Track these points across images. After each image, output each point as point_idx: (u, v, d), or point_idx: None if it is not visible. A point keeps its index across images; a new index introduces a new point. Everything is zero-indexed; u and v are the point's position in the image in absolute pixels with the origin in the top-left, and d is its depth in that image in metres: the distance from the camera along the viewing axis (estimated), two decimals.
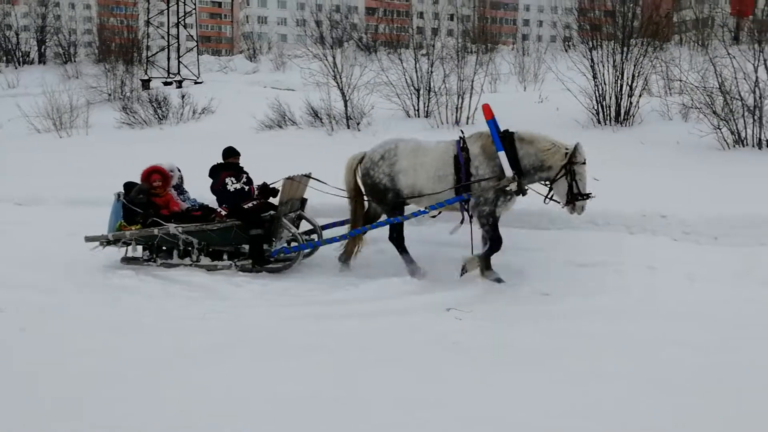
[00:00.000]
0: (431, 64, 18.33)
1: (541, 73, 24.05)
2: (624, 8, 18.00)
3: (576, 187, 6.84)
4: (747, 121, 13.13)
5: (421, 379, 4.59)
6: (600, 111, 16.43)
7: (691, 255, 7.58)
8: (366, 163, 7.65)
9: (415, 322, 5.88)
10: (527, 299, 6.72)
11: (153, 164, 8.44)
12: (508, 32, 56.60)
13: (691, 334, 5.45)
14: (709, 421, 3.94)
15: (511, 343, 5.29)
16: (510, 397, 4.26)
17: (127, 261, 8.29)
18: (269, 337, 5.51)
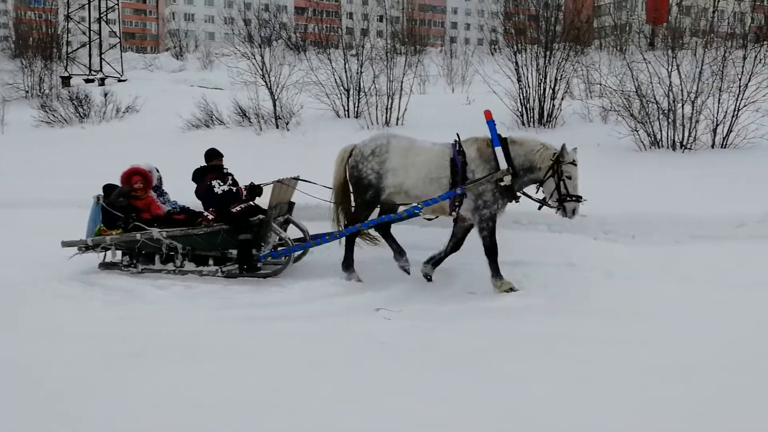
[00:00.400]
0: (361, 65, 18.37)
1: (469, 75, 24.47)
2: (547, 13, 18.51)
3: (564, 187, 6.86)
4: (662, 123, 13.72)
5: (349, 381, 4.59)
6: (524, 113, 16.85)
7: (610, 253, 7.89)
8: (356, 156, 7.45)
9: (343, 323, 5.87)
10: (455, 298, 6.82)
11: (133, 165, 8.11)
12: (436, 34, 57.21)
13: (610, 331, 5.64)
14: (629, 416, 4.08)
15: (439, 343, 5.34)
16: (436, 398, 4.30)
17: (105, 267, 7.93)
18: (194, 342, 5.38)
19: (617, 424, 3.97)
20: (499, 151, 6.97)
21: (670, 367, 4.77)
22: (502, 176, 6.92)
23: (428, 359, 5.00)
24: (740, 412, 4.09)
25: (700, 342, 5.35)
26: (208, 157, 8.01)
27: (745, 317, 5.97)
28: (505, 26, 21.90)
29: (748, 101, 13.22)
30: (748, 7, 22.10)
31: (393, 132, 7.61)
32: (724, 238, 7.95)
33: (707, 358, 4.95)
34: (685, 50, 15.27)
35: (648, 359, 4.95)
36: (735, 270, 7.08)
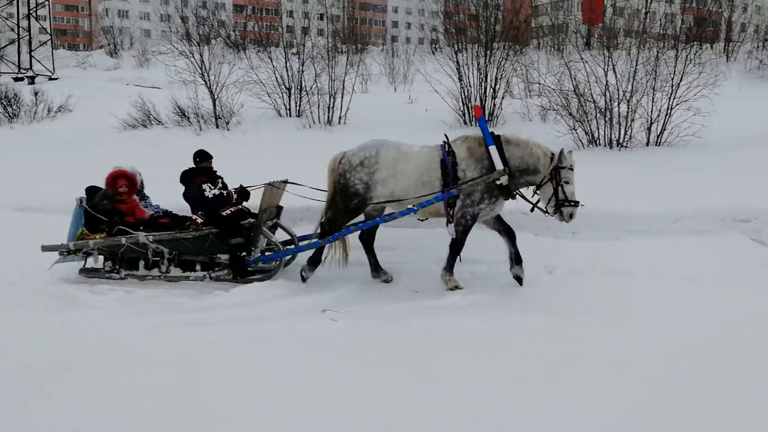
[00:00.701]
0: (302, 63, 18.24)
1: (410, 74, 24.59)
2: (486, 13, 18.72)
3: (562, 192, 6.84)
4: (599, 122, 14.05)
5: (298, 384, 4.53)
6: (466, 112, 17.02)
7: (551, 249, 8.01)
8: (344, 165, 7.30)
9: (289, 326, 5.78)
10: (401, 297, 6.81)
11: (118, 167, 7.82)
12: (377, 33, 57.32)
13: (555, 326, 5.74)
14: (577, 409, 4.16)
15: (387, 343, 5.33)
16: (388, 399, 4.28)
17: (86, 273, 7.61)
18: (134, 348, 5.21)
19: (565, 419, 4.02)
20: (494, 150, 6.86)
21: (615, 361, 4.87)
22: (498, 176, 6.83)
23: (378, 359, 4.97)
24: (687, 406, 4.20)
25: (640, 335, 5.49)
26: (197, 158, 7.76)
27: (689, 311, 6.18)
28: (445, 25, 22.08)
29: (681, 100, 13.65)
30: (678, 8, 22.81)
31: (381, 140, 7.37)
32: (660, 233, 8.18)
33: (647, 352, 5.09)
34: (620, 50, 15.67)
35: (591, 353, 5.04)
36: (672, 264, 7.29)
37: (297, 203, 8.18)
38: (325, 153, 7.62)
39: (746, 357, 4.98)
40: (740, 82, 19.36)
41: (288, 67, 18.27)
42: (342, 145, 13.82)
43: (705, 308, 6.29)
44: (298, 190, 7.75)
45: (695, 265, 7.16)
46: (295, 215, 8.98)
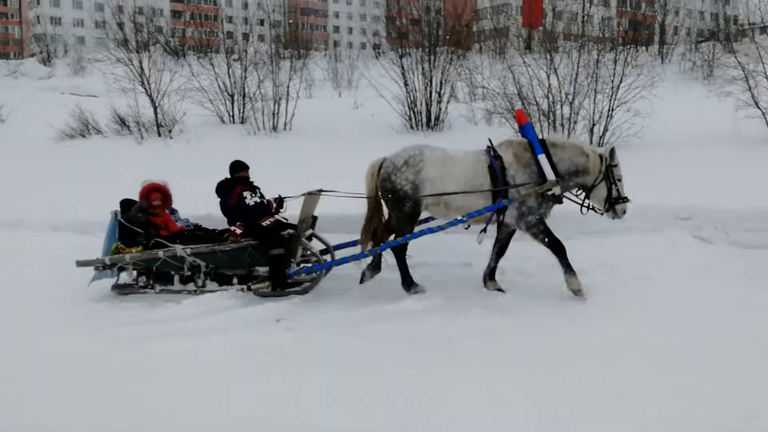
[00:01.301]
0: (245, 70, 18.02)
1: (355, 79, 24.55)
2: (429, 17, 18.86)
3: (616, 190, 6.81)
4: (543, 124, 14.28)
5: (253, 394, 4.44)
6: (412, 117, 17.08)
7: (508, 250, 8.04)
8: (387, 168, 7.04)
9: (244, 336, 5.65)
10: (355, 304, 6.73)
11: (152, 181, 7.58)
12: (319, 38, 57.20)
13: (511, 328, 5.78)
14: (536, 410, 4.17)
15: (345, 350, 5.25)
16: (342, 406, 4.24)
17: (119, 289, 7.24)
18: (85, 364, 5.03)
19: (528, 418, 4.03)
20: (544, 159, 6.73)
21: (575, 358, 4.93)
22: (551, 187, 6.70)
23: (336, 367, 4.91)
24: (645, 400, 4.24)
25: (595, 331, 5.62)
26: (233, 169, 7.46)
27: (641, 306, 6.33)
28: (388, 30, 22.15)
29: (621, 102, 14.00)
30: (614, 12, 23.45)
31: (422, 144, 7.20)
32: (608, 233, 8.30)
33: (612, 348, 5.19)
34: (561, 54, 15.99)
35: (550, 351, 5.09)
36: (621, 263, 7.42)
37: (333, 212, 8.02)
38: (272, 159, 7.53)
39: (689, 348, 5.14)
40: (675, 84, 20.04)
41: (230, 73, 18.03)
42: (289, 151, 13.78)
43: (654, 303, 6.43)
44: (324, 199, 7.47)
45: (643, 263, 7.30)
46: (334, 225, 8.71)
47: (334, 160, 12.55)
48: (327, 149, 14.38)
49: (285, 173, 11.15)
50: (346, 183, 7.21)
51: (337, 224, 8.31)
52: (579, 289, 6.65)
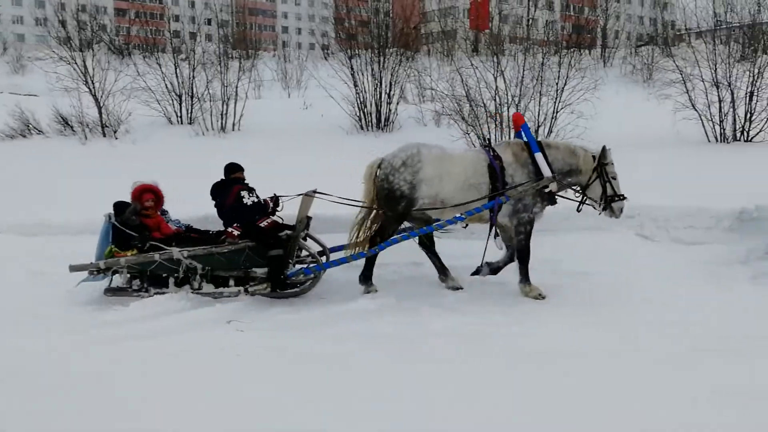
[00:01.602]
0: (192, 69, 17.79)
1: (304, 79, 24.48)
2: (378, 19, 18.97)
3: (611, 188, 6.95)
4: (490, 126, 14.53)
5: (206, 397, 4.41)
6: (362, 117, 17.15)
7: (450, 249, 8.16)
8: (385, 168, 7.01)
9: (195, 338, 5.59)
10: (306, 305, 6.74)
11: (143, 182, 7.32)
12: (268, 39, 56.74)
13: (463, 326, 5.90)
14: (483, 405, 4.27)
15: (297, 351, 5.26)
16: (294, 407, 4.25)
17: (112, 293, 7.03)
18: (32, 369, 4.90)
19: (483, 417, 4.11)
20: (540, 157, 6.86)
21: (530, 356, 5.07)
22: (548, 183, 6.84)
23: (288, 368, 4.92)
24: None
25: (543, 328, 5.78)
26: (228, 170, 7.34)
27: (586, 302, 6.56)
28: (337, 31, 22.16)
29: (565, 103, 14.34)
30: (558, 16, 23.96)
31: (420, 142, 7.15)
32: (556, 231, 8.50)
33: (563, 345, 5.34)
34: (507, 56, 16.30)
35: (502, 348, 5.22)
36: (568, 260, 7.63)
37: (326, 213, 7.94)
38: (221, 160, 7.45)
39: (640, 344, 5.33)
40: (617, 86, 20.62)
41: (178, 73, 17.78)
42: (237, 152, 13.64)
43: (600, 301, 6.67)
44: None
45: (589, 260, 7.52)
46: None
47: (284, 160, 12.52)
48: (276, 150, 14.32)
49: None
50: (299, 183, 7.23)
51: (325, 225, 8.30)
52: (539, 295, 6.82)
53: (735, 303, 6.59)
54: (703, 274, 7.62)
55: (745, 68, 15.14)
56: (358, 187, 7.26)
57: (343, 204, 7.13)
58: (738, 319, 6.05)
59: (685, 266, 7.86)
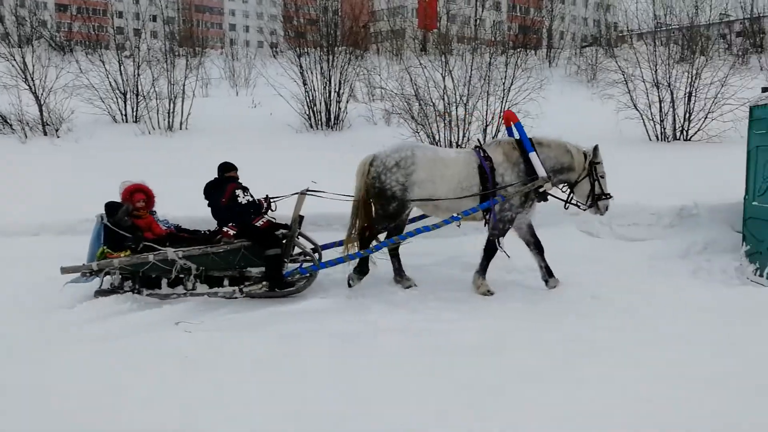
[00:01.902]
0: (137, 67, 17.42)
1: (253, 78, 24.25)
2: (326, 18, 18.93)
3: (599, 187, 7.03)
4: (439, 125, 14.66)
5: (154, 400, 4.35)
6: (312, 116, 17.09)
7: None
8: (377, 167, 7.00)
9: (142, 341, 5.51)
10: (253, 305, 6.69)
11: (134, 182, 7.22)
12: (215, 36, 55.98)
13: (409, 323, 5.96)
14: (431, 399, 4.33)
15: (244, 351, 5.24)
16: (243, 407, 4.24)
17: (104, 294, 6.85)
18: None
19: (430, 411, 4.16)
20: (535, 157, 6.90)
21: (469, 348, 5.17)
22: (543, 183, 6.91)
23: (237, 368, 4.88)
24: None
25: (489, 323, 5.90)
26: (223, 169, 7.23)
27: (530, 298, 6.68)
28: (285, 29, 22.01)
29: (512, 103, 14.55)
30: (505, 17, 24.30)
31: (414, 142, 7.10)
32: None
33: (508, 340, 5.45)
34: (455, 56, 16.46)
35: (449, 344, 5.29)
36: (514, 257, 7.74)
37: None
38: (168, 159, 7.36)
39: (576, 337, 5.50)
40: (562, 86, 21.02)
41: (122, 70, 17.39)
42: (185, 151, 13.44)
43: (545, 295, 6.87)
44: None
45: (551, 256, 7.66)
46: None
47: (233, 159, 12.36)
48: (225, 149, 14.09)
49: (182, 173, 10.92)
50: (251, 182, 7.19)
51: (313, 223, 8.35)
52: (488, 291, 6.94)
53: (677, 297, 6.83)
54: (647, 269, 7.88)
55: (684, 69, 15.62)
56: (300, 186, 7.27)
57: (336, 200, 7.14)
58: (681, 312, 6.27)
59: (628, 262, 8.11)
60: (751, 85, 13.97)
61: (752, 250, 7.85)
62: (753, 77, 15.90)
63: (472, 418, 4.05)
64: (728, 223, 8.59)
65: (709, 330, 5.69)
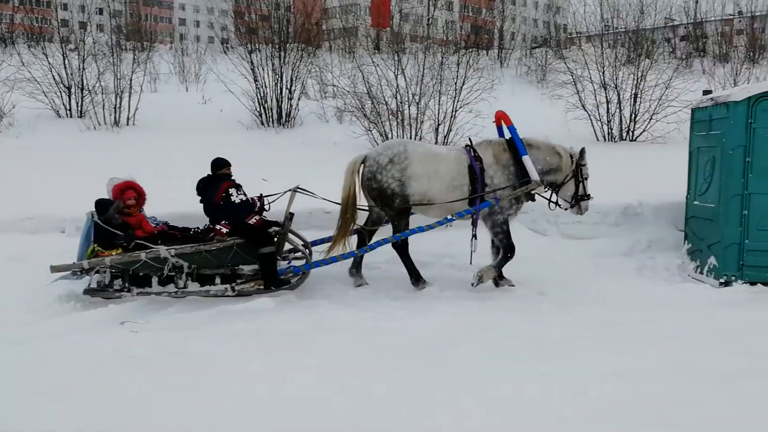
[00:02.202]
0: (83, 61, 16.99)
1: (203, 73, 23.90)
2: (278, 14, 18.75)
3: (582, 188, 7.13)
4: (392, 123, 14.69)
5: (99, 400, 4.23)
6: (263, 113, 16.93)
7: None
8: (371, 167, 6.94)
9: (86, 339, 5.37)
10: (202, 304, 6.60)
11: (121, 179, 7.10)
12: (164, 31, 54.98)
13: (358, 321, 5.95)
14: (380, 399, 4.31)
15: (190, 350, 5.16)
16: (188, 406, 4.16)
17: (92, 293, 6.72)
18: None
19: (377, 411, 4.14)
20: (528, 161, 6.95)
21: (415, 347, 5.17)
22: (536, 187, 6.98)
23: (184, 367, 4.79)
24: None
25: (432, 321, 5.95)
26: (216, 166, 7.06)
27: (480, 296, 6.72)
28: (236, 25, 21.75)
29: (463, 103, 14.68)
30: (457, 17, 24.49)
31: (402, 139, 7.05)
32: (456, 227, 8.67)
33: (456, 336, 5.47)
34: (408, 55, 16.50)
35: (396, 343, 5.30)
36: (463, 255, 7.81)
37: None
38: (114, 156, 7.21)
39: (523, 333, 5.57)
40: (513, 87, 21.29)
41: (66, 64, 16.93)
42: (133, 147, 13.15)
43: (493, 292, 7.00)
44: None
45: (483, 255, 7.72)
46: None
47: (182, 156, 12.18)
48: (174, 145, 13.91)
49: (129, 170, 10.69)
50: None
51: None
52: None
53: (620, 294, 7.00)
54: (593, 267, 8.04)
55: (630, 71, 16.00)
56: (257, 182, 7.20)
57: (325, 199, 7.28)
58: (626, 309, 6.42)
59: (575, 260, 8.26)
60: (693, 88, 14.38)
61: (693, 248, 8.08)
62: (695, 80, 16.40)
63: (414, 414, 4.06)
64: (671, 221, 8.81)
65: (651, 325, 5.84)
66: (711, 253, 7.61)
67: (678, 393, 4.32)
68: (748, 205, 7.33)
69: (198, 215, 7.22)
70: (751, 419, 3.97)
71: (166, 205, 8.04)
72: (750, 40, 25.18)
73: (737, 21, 30.45)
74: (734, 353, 5.06)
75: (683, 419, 3.94)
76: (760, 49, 24.41)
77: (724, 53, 24.57)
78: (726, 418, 3.98)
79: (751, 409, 4.08)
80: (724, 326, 5.87)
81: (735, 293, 7.09)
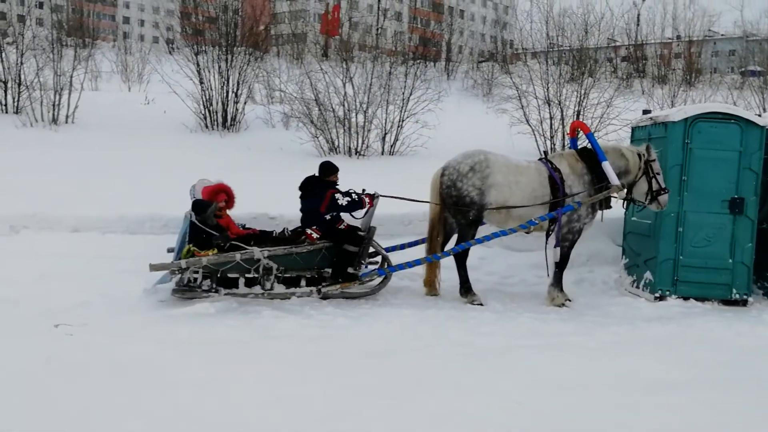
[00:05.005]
0: (21, 55, 16.41)
1: (146, 73, 23.40)
2: (226, 17, 18.54)
3: (657, 183, 7.13)
4: (339, 131, 14.67)
5: (28, 406, 4.10)
6: (208, 116, 16.67)
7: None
8: (452, 174, 7.00)
9: (16, 345, 5.18)
10: (143, 308, 6.48)
11: (212, 182, 7.35)
12: (107, 28, 53.70)
13: (303, 328, 5.92)
14: (323, 404, 4.30)
15: (124, 356, 5.04)
16: (119, 415, 4.06)
17: (182, 293, 6.76)
18: None
19: (323, 415, 4.13)
20: (608, 166, 7.08)
21: (357, 354, 5.20)
22: (617, 191, 7.14)
23: (117, 374, 4.68)
24: None
25: (382, 332, 5.97)
26: (324, 170, 7.18)
27: (423, 305, 6.83)
28: (183, 26, 21.40)
29: (410, 113, 14.78)
30: (406, 28, 24.70)
31: (481, 149, 7.19)
32: (399, 235, 8.72)
33: (396, 344, 5.50)
34: (356, 63, 16.53)
35: (337, 351, 5.31)
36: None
37: None
38: (51, 154, 6.99)
39: (457, 341, 5.66)
40: (459, 99, 21.56)
41: (3, 58, 16.33)
42: (71, 146, 12.77)
43: (434, 301, 7.08)
44: None
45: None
46: None
47: (123, 156, 11.91)
48: (115, 146, 13.55)
49: (67, 171, 10.40)
50: (145, 181, 6.93)
51: None
52: (563, 304, 7.21)
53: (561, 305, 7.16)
54: (533, 278, 8.19)
55: (574, 89, 16.37)
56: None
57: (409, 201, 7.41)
58: (562, 320, 6.57)
59: (516, 271, 8.40)
60: (633, 108, 14.80)
61: (630, 263, 8.33)
62: (635, 100, 16.90)
63: (354, 421, 4.06)
64: (610, 236, 9.05)
65: (589, 337, 5.99)
66: (647, 268, 7.85)
67: (615, 401, 4.45)
68: (683, 222, 7.60)
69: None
70: (681, 427, 4.11)
71: (103, 208, 7.84)
72: (687, 64, 26.15)
73: (675, 44, 31.64)
74: (667, 364, 5.25)
75: (621, 429, 4.06)
76: (696, 73, 25.35)
77: (663, 75, 25.42)
78: (659, 425, 4.11)
79: (683, 417, 4.23)
80: (657, 339, 6.09)
81: (669, 307, 7.36)
